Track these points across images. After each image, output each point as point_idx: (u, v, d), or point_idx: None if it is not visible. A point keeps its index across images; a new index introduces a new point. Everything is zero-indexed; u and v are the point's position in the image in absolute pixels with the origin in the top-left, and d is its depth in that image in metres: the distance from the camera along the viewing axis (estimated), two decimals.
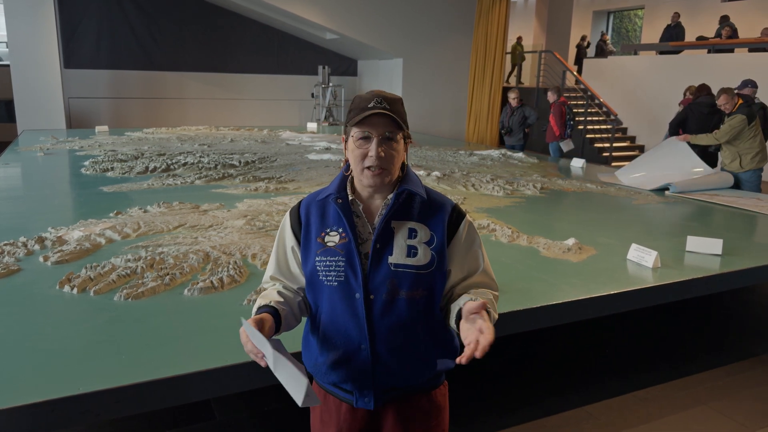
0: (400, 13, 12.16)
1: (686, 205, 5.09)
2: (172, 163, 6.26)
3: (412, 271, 1.39)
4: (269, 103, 13.68)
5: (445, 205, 1.46)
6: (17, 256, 3.12)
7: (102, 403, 1.85)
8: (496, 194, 5.26)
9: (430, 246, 1.41)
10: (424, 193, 1.45)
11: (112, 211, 4.11)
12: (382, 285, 1.39)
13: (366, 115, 1.36)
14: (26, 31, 10.23)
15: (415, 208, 1.44)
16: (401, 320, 1.39)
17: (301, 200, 1.52)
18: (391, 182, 1.42)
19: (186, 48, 12.77)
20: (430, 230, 1.42)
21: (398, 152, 1.40)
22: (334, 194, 1.44)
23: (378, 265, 1.40)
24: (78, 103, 11.94)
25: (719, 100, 5.92)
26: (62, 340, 2.20)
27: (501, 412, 2.85)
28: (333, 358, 1.43)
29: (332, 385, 1.48)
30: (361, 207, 1.44)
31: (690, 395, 3.03)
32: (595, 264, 3.33)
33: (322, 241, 1.43)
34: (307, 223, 1.47)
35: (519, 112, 8.70)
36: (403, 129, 1.40)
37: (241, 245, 3.39)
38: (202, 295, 2.67)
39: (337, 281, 1.40)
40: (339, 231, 1.42)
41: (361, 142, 1.38)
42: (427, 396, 1.51)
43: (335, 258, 1.40)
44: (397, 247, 1.40)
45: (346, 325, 1.41)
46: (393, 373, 1.41)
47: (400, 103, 1.43)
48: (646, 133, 12.35)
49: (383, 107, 1.37)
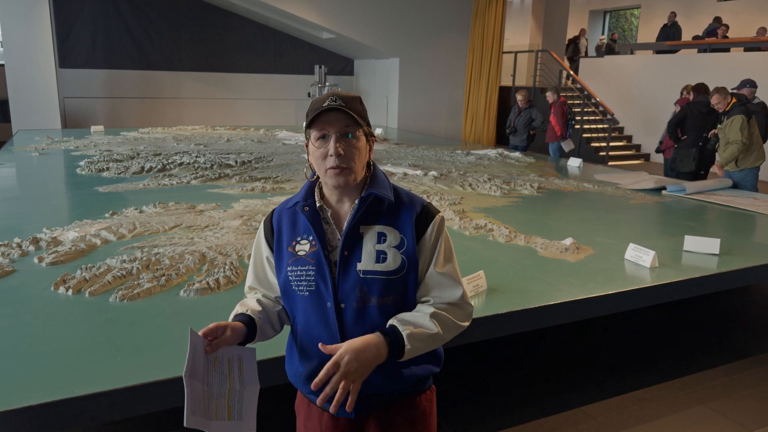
0: (397, 12, 12.14)
1: (683, 205, 5.09)
2: (168, 163, 6.23)
3: (381, 277, 1.35)
4: (265, 103, 13.65)
5: (414, 205, 1.41)
6: (12, 257, 3.10)
7: (97, 406, 1.83)
8: (493, 194, 5.26)
9: (400, 250, 1.36)
10: (392, 194, 1.40)
11: (107, 212, 4.08)
12: (351, 293, 1.35)
13: (320, 112, 1.32)
14: (21, 31, 10.18)
15: (383, 211, 1.39)
16: (374, 328, 1.33)
17: (274, 209, 1.49)
18: (356, 182, 1.37)
19: (182, 47, 12.72)
20: (399, 233, 1.37)
21: (359, 150, 1.35)
22: (302, 202, 1.40)
23: (346, 273, 1.35)
24: (73, 102, 11.89)
25: (712, 99, 5.97)
26: (57, 342, 2.18)
27: (498, 412, 2.84)
28: (310, 368, 1.40)
29: (312, 394, 1.44)
30: (329, 213, 1.40)
31: (688, 395, 3.02)
32: (592, 264, 3.33)
33: (293, 250, 1.40)
34: (279, 232, 1.44)
35: (526, 113, 8.70)
36: (362, 126, 1.36)
37: (237, 246, 3.37)
38: (198, 296, 2.65)
39: (308, 291, 1.37)
40: (309, 239, 1.39)
41: (319, 142, 1.34)
42: (412, 401, 1.46)
43: (305, 267, 1.37)
44: (365, 253, 1.35)
45: (320, 335, 1.37)
46: (369, 381, 1.32)
47: (358, 101, 1.38)
48: (642, 133, 12.38)
49: (338, 104, 1.32)
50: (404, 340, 1.29)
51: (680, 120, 6.61)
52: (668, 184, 5.74)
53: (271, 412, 2.79)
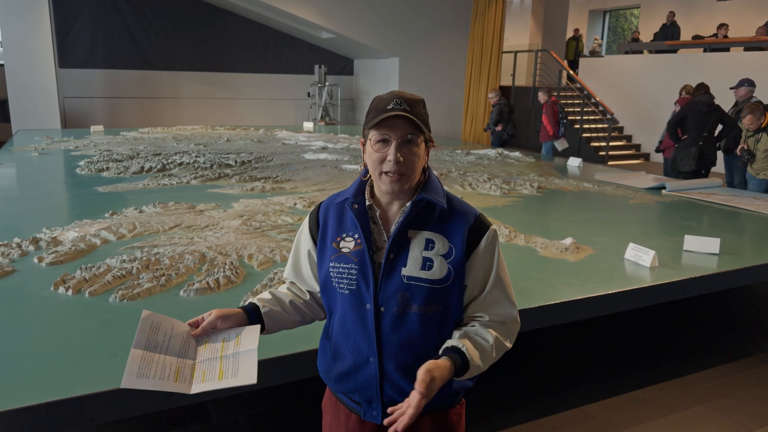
0: (397, 12, 12.14)
1: (682, 205, 5.09)
2: (167, 163, 6.23)
3: (425, 285, 1.31)
4: (265, 103, 13.65)
5: (467, 215, 1.37)
6: (11, 257, 3.10)
7: (97, 406, 1.83)
8: (493, 193, 5.26)
9: (448, 259, 1.32)
10: (445, 201, 1.36)
11: (107, 212, 4.08)
12: (392, 297, 1.32)
13: (384, 117, 1.28)
14: (21, 31, 10.18)
15: (434, 218, 1.35)
16: (412, 336, 1.32)
17: (322, 202, 1.47)
18: (411, 188, 1.34)
19: (181, 47, 12.72)
20: (449, 242, 1.33)
21: (419, 156, 1.32)
22: (351, 199, 1.38)
23: (390, 276, 1.32)
24: (73, 102, 11.89)
25: (745, 120, 5.74)
26: (57, 342, 2.18)
27: (498, 412, 2.84)
28: (343, 368, 1.39)
29: (342, 393, 1.45)
30: (378, 213, 1.37)
31: (688, 395, 3.03)
32: (592, 263, 3.33)
33: (337, 246, 1.37)
34: (325, 226, 1.42)
35: (496, 109, 9.28)
36: (424, 132, 1.32)
37: (237, 246, 3.37)
38: (198, 296, 2.65)
39: (348, 289, 1.35)
40: (354, 237, 1.36)
41: (379, 145, 1.30)
42: (441, 414, 1.43)
43: (348, 265, 1.35)
44: (411, 258, 1.32)
45: (356, 336, 1.36)
46: (401, 390, 1.32)
47: (422, 104, 1.34)
48: (642, 132, 12.37)
49: (403, 109, 1.28)
50: (467, 370, 1.27)
51: (680, 120, 6.61)
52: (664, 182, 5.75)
53: (295, 406, 2.80)
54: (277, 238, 3.60)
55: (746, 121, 5.73)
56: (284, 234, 3.69)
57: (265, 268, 3.04)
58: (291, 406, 2.87)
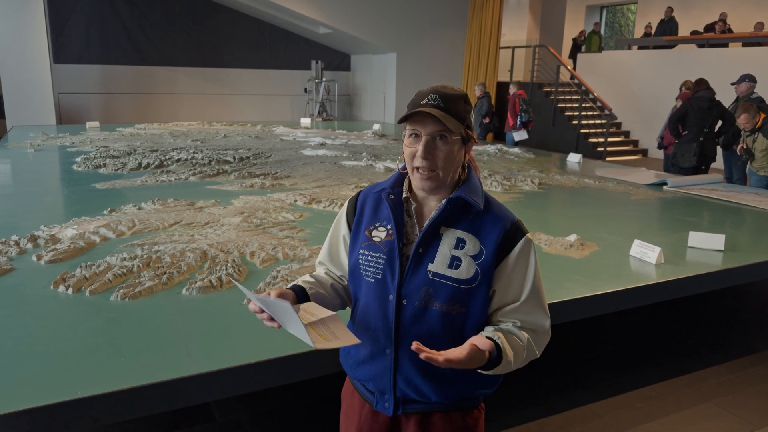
0: (394, 7, 12.09)
1: (685, 201, 5.07)
2: (165, 159, 6.18)
3: (450, 283, 1.30)
4: (262, 98, 13.59)
5: (504, 220, 1.33)
6: (9, 256, 3.05)
7: (101, 407, 1.79)
8: (494, 190, 5.23)
9: (477, 261, 1.30)
10: (482, 202, 1.34)
11: (105, 209, 4.03)
12: (416, 291, 1.31)
13: (414, 112, 1.26)
14: (15, 26, 10.09)
15: (469, 217, 1.33)
16: (431, 333, 1.30)
17: (361, 190, 1.48)
18: (445, 186, 1.32)
19: (177, 42, 12.64)
20: (480, 243, 1.31)
21: (452, 154, 1.29)
22: (388, 189, 1.38)
23: (416, 270, 1.31)
24: (68, 98, 11.81)
25: (740, 120, 5.67)
26: (58, 343, 2.14)
27: (504, 410, 2.81)
28: (360, 355, 1.40)
29: (358, 381, 1.46)
30: (414, 207, 1.37)
31: (695, 392, 3.01)
32: (597, 260, 3.30)
33: (369, 234, 1.38)
34: (361, 213, 1.42)
35: (479, 103, 9.63)
36: (460, 129, 1.28)
37: (238, 243, 3.33)
38: (201, 295, 2.61)
39: (374, 278, 1.35)
40: (387, 227, 1.36)
41: (411, 139, 1.30)
42: (457, 416, 1.41)
43: (377, 254, 1.35)
44: (440, 254, 1.31)
45: (376, 326, 1.36)
46: (414, 386, 1.34)
47: (462, 100, 1.31)
48: (640, 128, 12.37)
49: (435, 104, 1.26)
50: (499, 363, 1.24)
51: (681, 115, 6.58)
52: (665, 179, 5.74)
53: (298, 406, 2.77)
54: (279, 235, 3.56)
55: (741, 120, 5.68)
56: (286, 231, 3.65)
57: (268, 266, 3.00)
58: (294, 406, 2.84)
